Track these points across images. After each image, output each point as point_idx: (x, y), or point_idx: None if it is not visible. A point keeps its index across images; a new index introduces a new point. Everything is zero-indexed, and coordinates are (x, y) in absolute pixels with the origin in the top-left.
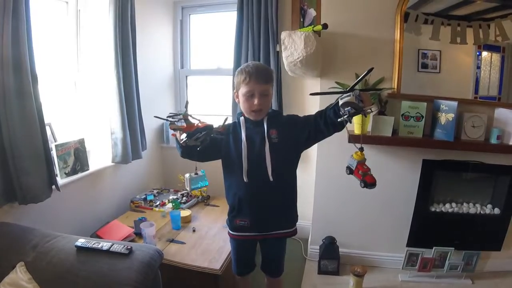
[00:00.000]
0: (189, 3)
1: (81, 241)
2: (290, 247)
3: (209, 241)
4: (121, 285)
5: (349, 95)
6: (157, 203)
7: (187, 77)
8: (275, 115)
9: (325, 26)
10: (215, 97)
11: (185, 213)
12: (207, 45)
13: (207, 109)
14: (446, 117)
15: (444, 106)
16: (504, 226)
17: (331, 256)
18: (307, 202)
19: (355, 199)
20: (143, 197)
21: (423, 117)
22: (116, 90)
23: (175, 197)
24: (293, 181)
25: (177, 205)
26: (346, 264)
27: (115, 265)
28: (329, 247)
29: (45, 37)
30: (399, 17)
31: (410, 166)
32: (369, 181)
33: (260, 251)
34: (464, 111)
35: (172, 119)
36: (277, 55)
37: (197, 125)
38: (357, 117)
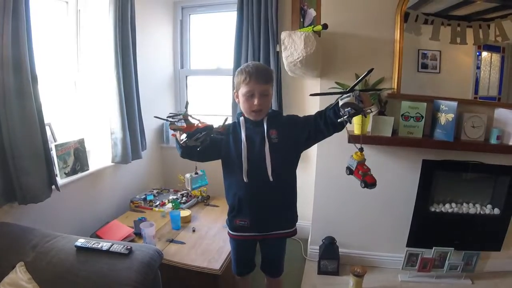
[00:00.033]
0: (189, 3)
1: (81, 241)
2: (290, 247)
3: (209, 241)
4: (121, 285)
5: (349, 95)
6: (157, 203)
7: (187, 77)
8: (275, 115)
9: (325, 26)
10: (215, 97)
11: (185, 213)
12: (207, 45)
13: (207, 109)
14: (446, 117)
15: (444, 106)
16: (504, 226)
17: (331, 256)
18: (307, 202)
19: (355, 199)
20: (143, 197)
21: (423, 117)
22: (116, 90)
23: (175, 197)
24: (293, 181)
25: (177, 205)
26: (346, 264)
27: (115, 265)
28: (329, 247)
29: (45, 37)
30: (399, 17)
31: (410, 166)
32: (369, 181)
33: (260, 251)
34: (464, 111)
35: (172, 119)
36: (277, 55)
37: (197, 125)
38: (357, 118)
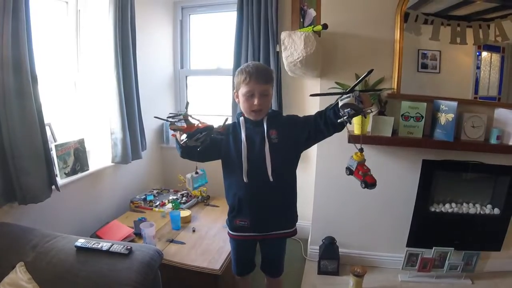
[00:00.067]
0: (189, 3)
1: (81, 241)
2: (290, 247)
3: (209, 241)
4: (121, 285)
5: (349, 96)
6: (157, 203)
7: (187, 77)
8: (275, 115)
9: (325, 26)
10: (215, 97)
11: (185, 213)
12: (207, 45)
13: (207, 109)
14: (446, 117)
15: (444, 106)
16: (504, 226)
17: (331, 256)
18: (307, 202)
19: (355, 199)
20: (143, 197)
21: (423, 117)
22: (116, 90)
23: (175, 197)
24: (293, 181)
25: (177, 205)
26: (346, 264)
27: (115, 265)
28: (329, 247)
29: (45, 37)
30: (399, 17)
31: (410, 166)
32: (369, 181)
33: (260, 251)
34: (464, 111)
35: (172, 120)
36: (277, 55)
37: (197, 125)
38: (357, 118)
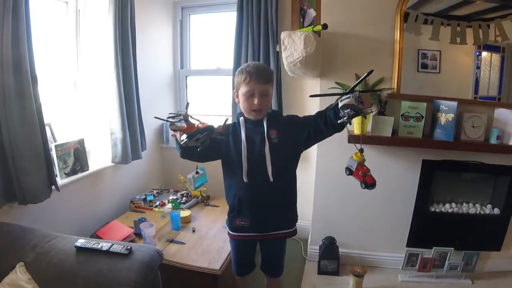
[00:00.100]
0: (189, 3)
1: (81, 242)
2: (290, 247)
3: (209, 242)
4: (121, 285)
5: (349, 97)
6: (157, 204)
7: (186, 77)
8: (275, 115)
9: (325, 26)
10: (215, 98)
11: (184, 213)
12: (207, 45)
13: (207, 110)
14: (446, 117)
15: (444, 106)
16: (504, 226)
17: (331, 256)
18: (307, 202)
19: (355, 199)
20: (143, 197)
21: (423, 117)
22: (116, 90)
23: (174, 197)
24: (293, 181)
25: (177, 205)
26: (346, 264)
27: (115, 265)
28: (329, 247)
29: (45, 37)
30: (399, 17)
31: (410, 166)
32: (369, 181)
33: (260, 251)
34: (463, 111)
35: (172, 120)
36: (277, 55)
37: (198, 126)
38: (357, 118)
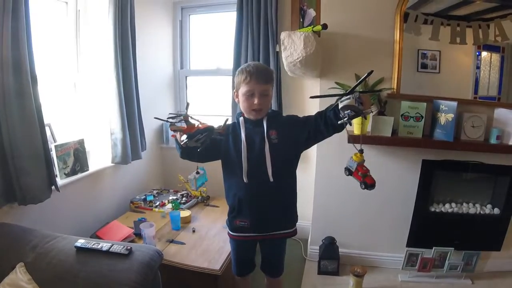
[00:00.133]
0: (189, 4)
1: (81, 242)
2: (290, 247)
3: (209, 242)
4: (121, 285)
5: (349, 97)
6: (157, 204)
7: (186, 77)
8: (275, 115)
9: (325, 26)
10: (215, 98)
11: (184, 213)
12: (206, 45)
13: (207, 110)
14: (445, 117)
15: (443, 106)
16: (504, 226)
17: (331, 256)
18: (307, 202)
19: (355, 199)
20: (143, 197)
21: (422, 117)
22: (115, 90)
23: (174, 197)
24: (293, 181)
25: (177, 205)
26: (346, 264)
27: (115, 265)
28: (329, 247)
29: (45, 37)
30: (398, 17)
31: (409, 166)
32: (369, 182)
33: (260, 251)
34: (463, 111)
35: (172, 120)
36: (277, 55)
37: (198, 126)
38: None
